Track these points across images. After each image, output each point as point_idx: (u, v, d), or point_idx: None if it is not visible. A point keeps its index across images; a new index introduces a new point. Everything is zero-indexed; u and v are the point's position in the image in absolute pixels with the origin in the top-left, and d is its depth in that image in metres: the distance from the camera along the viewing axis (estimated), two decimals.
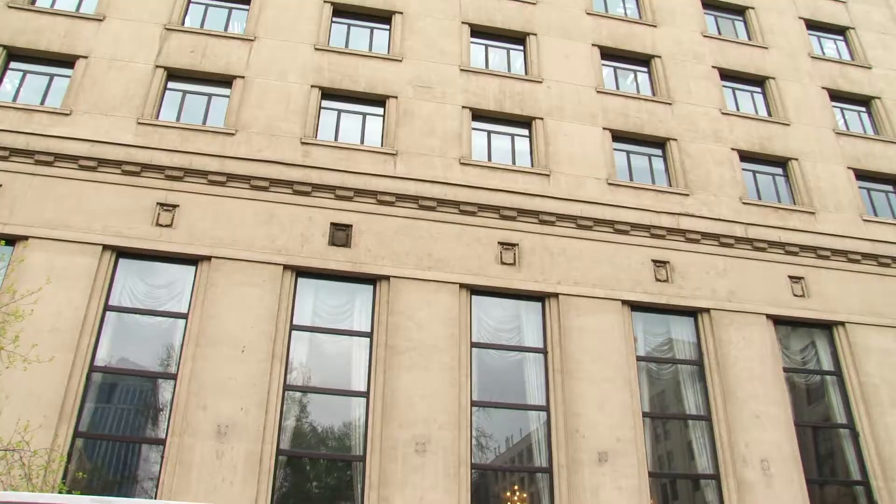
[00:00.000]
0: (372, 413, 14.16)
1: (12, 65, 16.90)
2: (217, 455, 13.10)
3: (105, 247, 14.57)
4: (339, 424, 14.59)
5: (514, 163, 18.04)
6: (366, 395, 14.44)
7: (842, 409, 16.98)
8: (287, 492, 13.91)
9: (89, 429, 13.48)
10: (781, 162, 20.20)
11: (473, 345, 15.34)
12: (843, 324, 17.60)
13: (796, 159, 20.10)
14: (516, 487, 14.96)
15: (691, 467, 15.84)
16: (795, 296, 17.65)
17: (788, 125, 20.75)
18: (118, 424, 14.16)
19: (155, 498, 12.89)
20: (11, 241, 14.18)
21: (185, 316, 14.48)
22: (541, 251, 16.50)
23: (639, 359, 16.07)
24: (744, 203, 18.63)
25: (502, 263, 16.18)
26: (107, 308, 14.31)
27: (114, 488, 13.58)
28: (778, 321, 17.35)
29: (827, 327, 17.73)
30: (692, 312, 16.92)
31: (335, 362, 15.14)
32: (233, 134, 16.42)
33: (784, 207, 19.05)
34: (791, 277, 17.85)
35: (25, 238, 14.21)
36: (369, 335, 15.05)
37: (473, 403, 14.78)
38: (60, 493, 11.48)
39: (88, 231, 14.59)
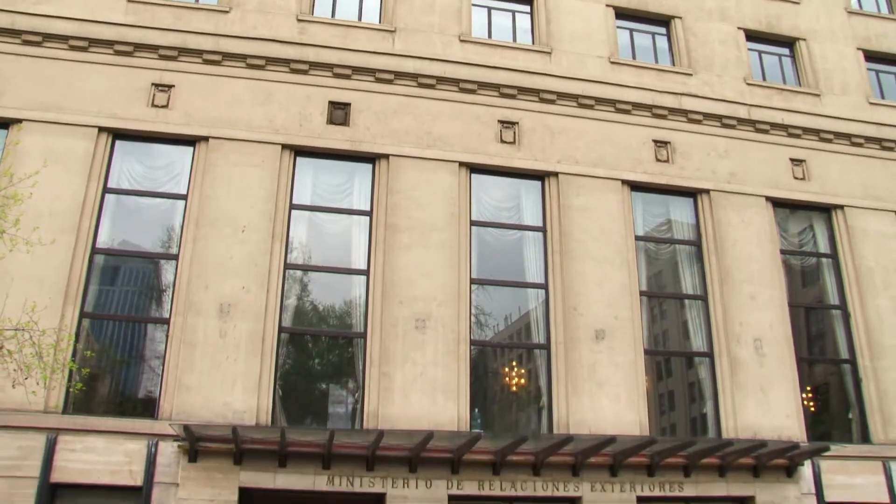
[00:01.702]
0: (372, 291, 14.33)
1: None
2: (220, 333, 13.33)
3: (101, 129, 14.36)
4: (340, 302, 14.82)
5: (514, 40, 17.54)
6: (366, 273, 14.57)
7: (835, 291, 17.24)
8: (290, 368, 14.26)
9: (94, 310, 13.66)
10: (789, 42, 19.66)
11: (473, 223, 15.38)
12: (842, 207, 17.61)
13: (804, 39, 19.54)
14: (514, 363, 15.33)
15: (686, 346, 16.19)
16: (796, 178, 17.57)
17: (798, 3, 19.98)
18: (123, 305, 14.40)
19: (161, 375, 13.19)
20: (5, 124, 14.06)
21: (184, 197, 14.44)
22: (541, 130, 16.30)
23: (637, 239, 16.15)
24: (748, 84, 18.25)
25: (502, 142, 16.02)
26: (105, 190, 14.26)
27: (122, 367, 13.91)
28: (777, 203, 17.35)
29: (826, 210, 17.76)
30: (692, 193, 16.88)
31: (335, 241, 15.22)
32: (227, 12, 15.88)
33: (789, 89, 18.70)
34: (792, 160, 17.71)
35: (19, 121, 14.02)
36: (369, 214, 15.06)
37: (473, 281, 14.95)
38: (70, 370, 11.78)
39: (83, 113, 14.35)
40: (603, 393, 14.45)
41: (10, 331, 10.04)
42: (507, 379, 15.09)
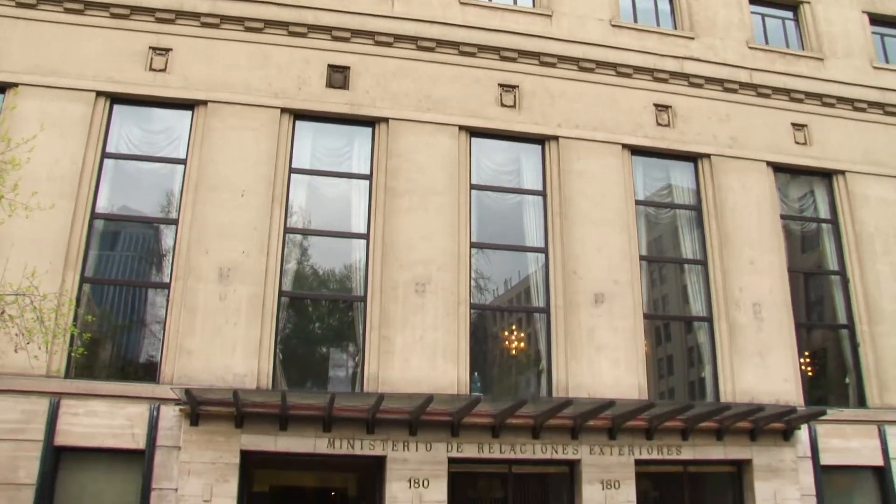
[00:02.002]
0: (372, 255, 14.33)
1: None
2: (220, 298, 13.35)
3: (98, 93, 14.23)
4: (340, 266, 14.82)
5: (514, 2, 17.28)
6: (366, 237, 14.56)
7: (835, 256, 17.24)
8: (290, 332, 14.32)
9: (95, 275, 13.66)
10: (792, 5, 19.37)
11: (473, 187, 15.32)
12: (843, 172, 17.53)
13: (808, 2, 19.24)
14: (514, 327, 15.38)
15: (685, 310, 16.24)
16: (797, 143, 17.48)
17: None
18: (123, 270, 14.40)
19: (162, 340, 13.23)
20: (1, 88, 13.93)
21: (183, 161, 14.36)
22: (541, 93, 16.16)
23: (638, 203, 16.10)
24: (750, 48, 18.05)
25: (502, 105, 15.88)
26: (104, 155, 14.17)
27: (123, 331, 13.95)
28: (778, 168, 17.26)
29: (827, 175, 17.67)
30: (692, 158, 16.79)
31: (335, 205, 15.19)
32: None
33: (791, 53, 18.52)
34: (794, 125, 17.59)
35: (15, 85, 13.89)
36: (368, 178, 15.00)
37: (473, 245, 14.93)
38: (72, 335, 11.82)
39: (80, 77, 14.21)
40: (602, 357, 14.52)
41: (11, 296, 10.06)
42: (507, 343, 15.16)
